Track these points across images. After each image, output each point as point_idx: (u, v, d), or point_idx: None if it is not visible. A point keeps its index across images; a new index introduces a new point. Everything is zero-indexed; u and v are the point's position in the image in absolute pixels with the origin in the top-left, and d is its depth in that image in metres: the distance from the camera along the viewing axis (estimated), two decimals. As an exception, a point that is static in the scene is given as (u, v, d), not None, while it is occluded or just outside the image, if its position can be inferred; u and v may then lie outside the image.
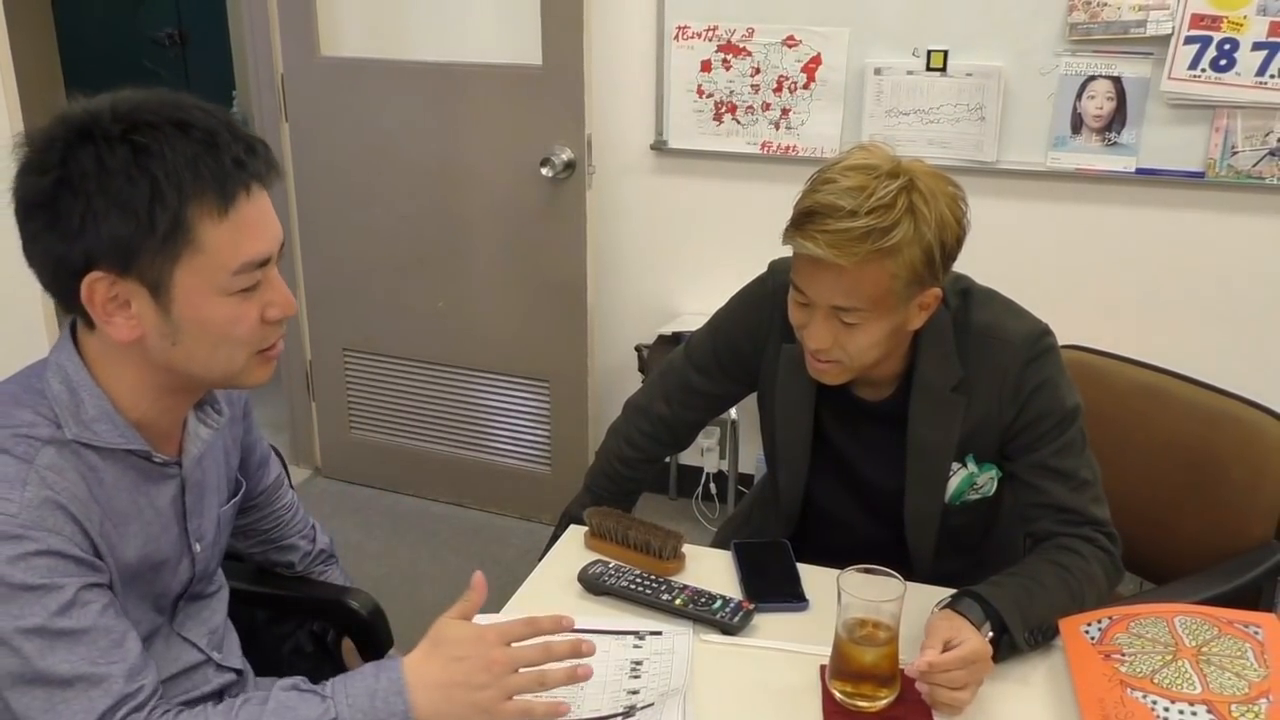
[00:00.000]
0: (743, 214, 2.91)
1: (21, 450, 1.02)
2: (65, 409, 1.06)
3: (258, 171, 1.03)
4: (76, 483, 1.04)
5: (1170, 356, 1.84)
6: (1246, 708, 1.12)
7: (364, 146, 2.99)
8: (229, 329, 1.05)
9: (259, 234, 1.04)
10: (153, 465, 1.13)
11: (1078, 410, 1.42)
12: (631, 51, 2.89)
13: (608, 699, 1.21)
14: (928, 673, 1.18)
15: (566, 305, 2.94)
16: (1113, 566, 1.40)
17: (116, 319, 1.02)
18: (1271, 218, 2.51)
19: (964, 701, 1.19)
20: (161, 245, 0.99)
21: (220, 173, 1.00)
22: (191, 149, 0.99)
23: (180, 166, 0.98)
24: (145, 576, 1.15)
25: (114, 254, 0.99)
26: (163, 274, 1.00)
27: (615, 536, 1.50)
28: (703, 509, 3.18)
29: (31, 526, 0.99)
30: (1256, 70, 2.38)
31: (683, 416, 1.69)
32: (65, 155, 0.97)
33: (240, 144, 1.02)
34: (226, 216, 1.01)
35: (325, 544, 1.59)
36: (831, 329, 1.33)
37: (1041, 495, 1.42)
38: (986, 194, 2.64)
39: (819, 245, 1.25)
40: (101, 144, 0.97)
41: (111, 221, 0.97)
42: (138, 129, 0.98)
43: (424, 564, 2.95)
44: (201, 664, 1.26)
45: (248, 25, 3.09)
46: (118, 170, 0.97)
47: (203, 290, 1.02)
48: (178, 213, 0.98)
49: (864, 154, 1.31)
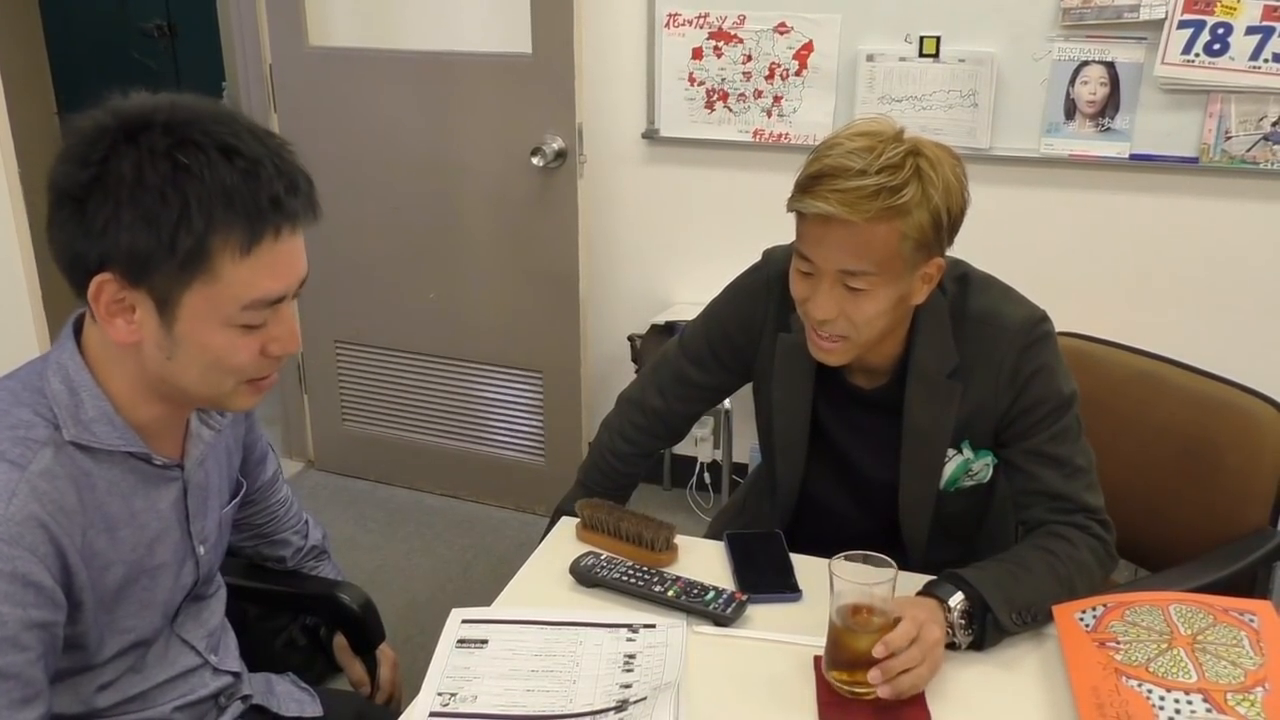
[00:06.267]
0: (735, 202, 2.90)
1: (17, 454, 1.00)
2: (65, 409, 1.05)
3: (293, 212, 1.01)
4: (67, 491, 1.03)
5: (1165, 343, 1.84)
6: (1242, 696, 1.12)
7: (353, 137, 2.98)
8: (226, 357, 1.04)
9: (278, 275, 1.02)
10: (153, 468, 1.12)
11: (1074, 397, 1.42)
12: (622, 39, 2.87)
13: (601, 693, 1.21)
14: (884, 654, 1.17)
15: (559, 295, 2.93)
16: (1106, 554, 1.39)
17: (118, 321, 1.01)
18: (1265, 203, 2.50)
19: (923, 679, 1.18)
20: (178, 267, 0.97)
21: (253, 210, 0.98)
22: (231, 178, 0.97)
23: (214, 194, 0.96)
24: (141, 583, 1.13)
25: (129, 263, 0.97)
26: (172, 293, 0.99)
27: (607, 528, 1.49)
28: (697, 499, 3.17)
29: (7, 542, 0.96)
30: (1250, 55, 2.37)
31: (677, 409, 1.68)
32: (108, 154, 0.96)
33: (283, 180, 1.00)
34: (249, 255, 0.99)
35: (318, 539, 1.58)
36: (837, 298, 1.31)
37: (1034, 482, 1.41)
38: (980, 181, 2.59)
39: (830, 203, 1.24)
40: (145, 153, 0.95)
41: (134, 233, 0.96)
42: (184, 146, 0.96)
43: (417, 556, 2.95)
44: (199, 667, 1.25)
45: (236, 16, 3.07)
46: (153, 185, 0.95)
47: (208, 316, 1.01)
48: (201, 240, 0.96)
49: (868, 123, 1.31)
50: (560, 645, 1.29)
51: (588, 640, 1.29)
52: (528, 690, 1.21)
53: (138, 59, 5.65)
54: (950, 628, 1.25)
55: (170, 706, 1.21)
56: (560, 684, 1.22)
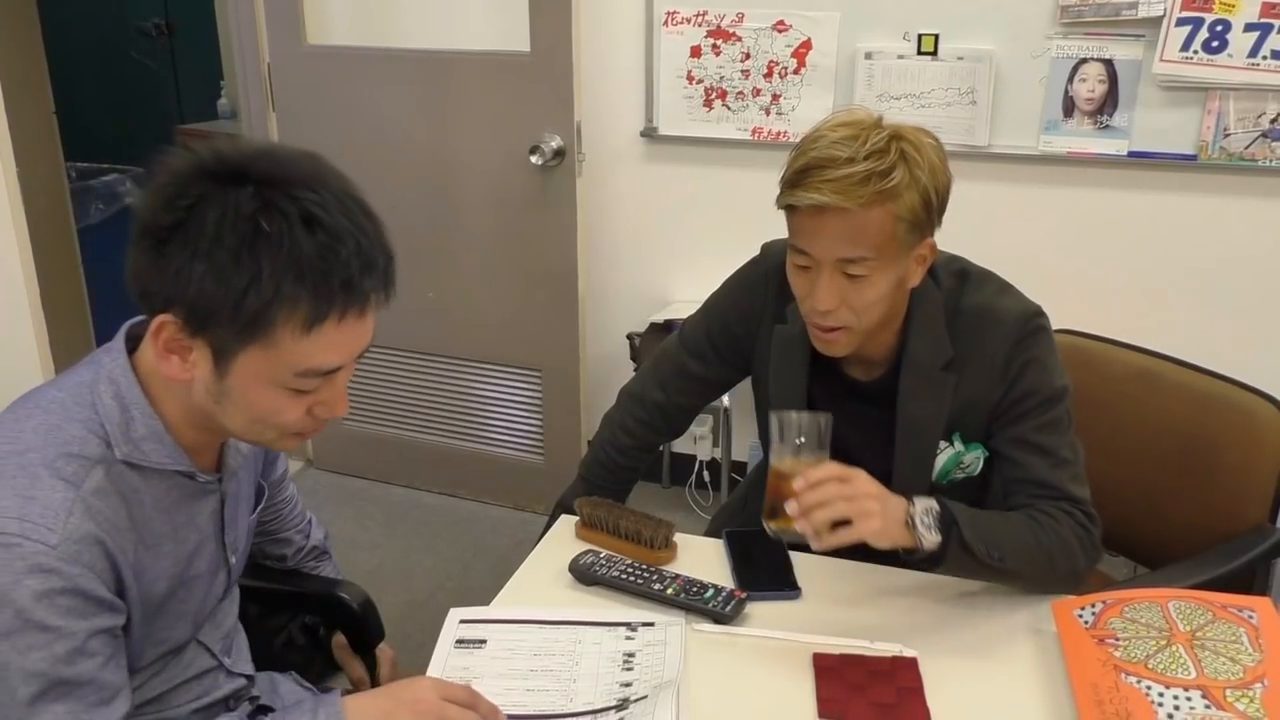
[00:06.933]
0: (734, 200, 2.90)
1: (71, 472, 1.01)
2: (116, 425, 1.05)
3: (363, 295, 1.00)
4: (118, 509, 1.04)
5: (1163, 340, 1.84)
6: (1241, 692, 1.12)
7: (352, 135, 2.98)
8: (272, 415, 1.05)
9: (337, 351, 1.02)
10: (195, 483, 1.13)
11: (1065, 392, 1.42)
12: (621, 38, 2.87)
13: (601, 692, 1.21)
14: (803, 488, 1.22)
15: (557, 294, 2.92)
16: (1089, 542, 1.38)
17: (173, 359, 1.02)
18: (1264, 200, 2.50)
19: (838, 514, 1.21)
20: (238, 329, 0.97)
21: (323, 289, 0.97)
22: (309, 252, 0.96)
23: (287, 268, 0.95)
24: (179, 595, 1.15)
25: (192, 313, 0.97)
26: (229, 348, 0.99)
27: (606, 526, 1.49)
28: (696, 497, 3.17)
29: (66, 561, 0.97)
30: (1248, 52, 2.37)
31: (678, 402, 1.68)
32: (196, 203, 0.95)
33: (360, 260, 0.99)
34: (309, 333, 0.99)
35: (319, 540, 1.59)
36: (838, 287, 1.32)
37: (1019, 470, 1.41)
38: (978, 178, 2.64)
39: (823, 193, 1.25)
40: (230, 210, 0.95)
41: (203, 287, 0.95)
42: (269, 210, 0.95)
43: (417, 555, 2.95)
44: (213, 669, 1.26)
45: (234, 14, 3.06)
46: (230, 245, 0.94)
47: (260, 376, 1.01)
48: (265, 309, 0.96)
49: (846, 114, 1.33)
50: (559, 644, 1.29)
51: (586, 639, 1.29)
52: (528, 690, 1.21)
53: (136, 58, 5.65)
54: (910, 521, 1.26)
55: (188, 709, 1.22)
56: (560, 683, 1.22)
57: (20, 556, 0.96)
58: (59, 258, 3.61)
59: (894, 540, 1.26)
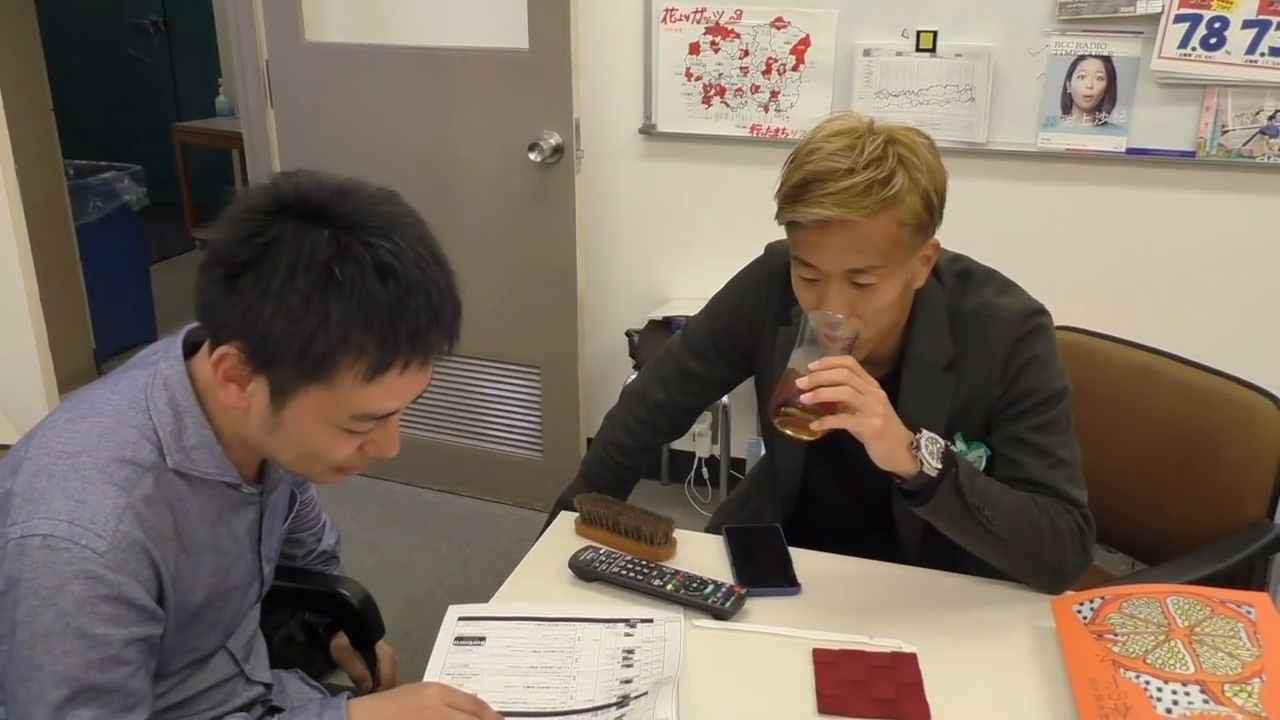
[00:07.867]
0: (733, 197, 2.90)
1: (124, 477, 1.01)
2: (169, 433, 1.05)
3: (427, 346, 1.01)
4: (164, 516, 1.04)
5: (1162, 336, 1.84)
6: (1239, 687, 1.12)
7: (350, 133, 2.97)
8: (323, 452, 1.05)
9: (395, 398, 1.02)
10: (239, 494, 1.14)
11: (1065, 392, 1.42)
12: (619, 34, 2.87)
13: (601, 689, 1.21)
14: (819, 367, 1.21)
15: (556, 291, 2.92)
16: (1080, 544, 1.37)
17: (231, 387, 1.02)
18: (1262, 196, 2.51)
19: (843, 394, 1.21)
20: (302, 370, 0.97)
21: (390, 342, 0.97)
22: (379, 302, 0.95)
23: (356, 316, 0.95)
24: (214, 605, 1.15)
25: (256, 349, 0.97)
26: (288, 386, 0.99)
27: (606, 522, 1.49)
28: (695, 494, 3.17)
29: (112, 568, 0.98)
30: (1247, 49, 2.37)
31: (680, 402, 1.68)
32: (271, 243, 0.95)
33: (429, 313, 0.99)
34: (371, 380, 0.99)
35: (330, 545, 1.59)
36: (847, 296, 1.31)
37: (1016, 469, 1.40)
38: (977, 175, 2.64)
39: (826, 207, 1.25)
40: (305, 253, 0.94)
41: (270, 327, 0.95)
42: (343, 257, 0.95)
43: (416, 552, 2.95)
44: (233, 676, 1.26)
45: (232, 11, 3.06)
46: (302, 289, 0.94)
47: (316, 415, 1.01)
48: (330, 354, 0.96)
49: (838, 122, 1.31)
50: (558, 641, 1.29)
51: (585, 636, 1.29)
52: (528, 687, 1.21)
53: (134, 55, 5.64)
54: (915, 444, 1.26)
55: (208, 716, 1.22)
56: (560, 680, 1.22)
57: (68, 561, 0.96)
58: (57, 255, 3.62)
59: (890, 456, 1.25)
